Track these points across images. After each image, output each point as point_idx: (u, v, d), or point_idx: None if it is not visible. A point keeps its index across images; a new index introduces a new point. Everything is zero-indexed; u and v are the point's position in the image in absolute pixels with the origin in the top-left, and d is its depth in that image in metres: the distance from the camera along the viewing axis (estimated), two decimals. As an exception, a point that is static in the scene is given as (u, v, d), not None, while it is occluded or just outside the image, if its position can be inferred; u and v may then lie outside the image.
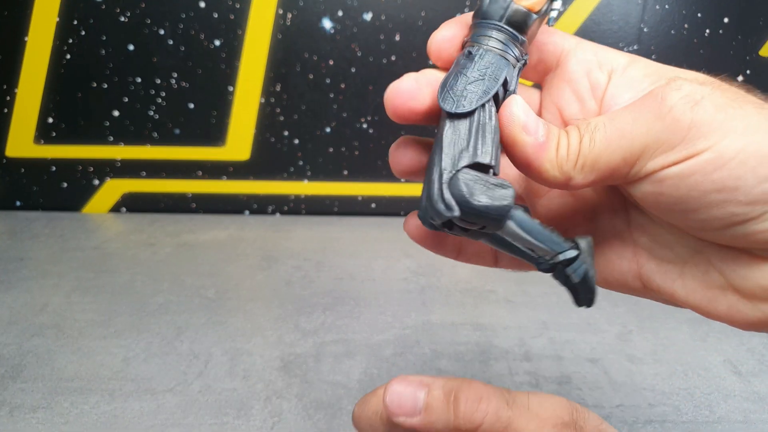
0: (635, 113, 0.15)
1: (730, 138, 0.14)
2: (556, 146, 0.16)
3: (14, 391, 0.35)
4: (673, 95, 0.14)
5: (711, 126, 0.14)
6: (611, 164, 0.15)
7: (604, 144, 0.15)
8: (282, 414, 0.34)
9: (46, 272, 0.53)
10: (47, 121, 0.68)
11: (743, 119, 0.14)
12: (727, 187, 0.14)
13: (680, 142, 0.14)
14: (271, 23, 0.64)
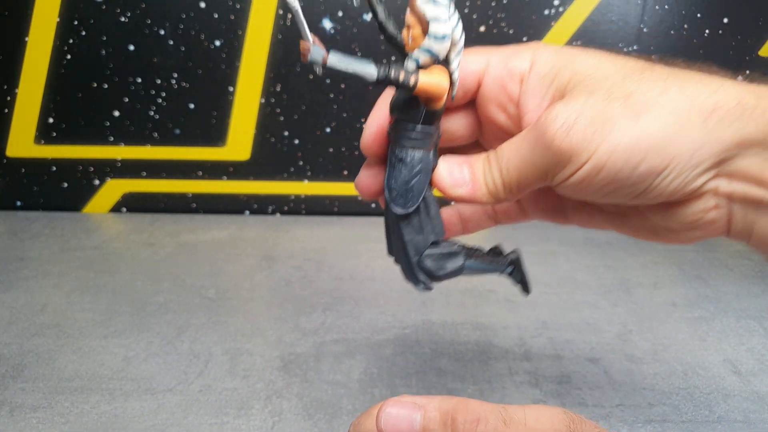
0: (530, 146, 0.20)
1: (601, 148, 0.18)
2: (484, 184, 0.21)
3: (15, 391, 0.35)
4: (552, 127, 0.19)
5: (584, 143, 0.18)
6: (529, 183, 0.20)
7: (516, 172, 0.20)
8: (282, 413, 0.34)
9: (46, 272, 0.53)
10: (48, 121, 0.68)
11: (610, 126, 0.18)
12: (612, 181, 0.19)
13: (568, 161, 0.19)
14: (271, 24, 0.64)
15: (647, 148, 0.18)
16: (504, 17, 0.64)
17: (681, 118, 0.18)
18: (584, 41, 0.65)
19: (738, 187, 0.19)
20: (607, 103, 0.18)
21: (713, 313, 0.46)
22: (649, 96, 0.18)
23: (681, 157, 0.18)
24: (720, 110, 0.18)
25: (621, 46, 0.65)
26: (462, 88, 0.22)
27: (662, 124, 0.18)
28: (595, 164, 0.18)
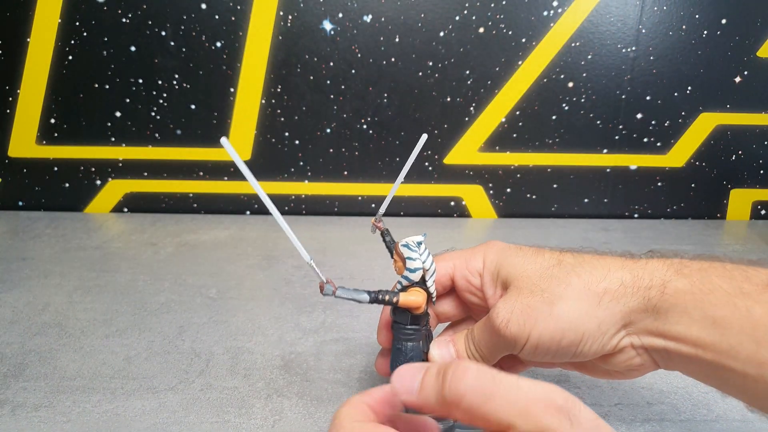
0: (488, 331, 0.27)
1: (532, 335, 0.25)
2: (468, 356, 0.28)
3: (16, 390, 0.36)
4: (496, 321, 0.26)
5: (519, 333, 0.25)
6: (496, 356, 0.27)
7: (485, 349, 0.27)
8: (283, 412, 0.34)
9: (48, 272, 0.54)
10: (49, 122, 0.68)
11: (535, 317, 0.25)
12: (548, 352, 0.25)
13: (513, 345, 0.26)
14: (271, 25, 0.64)
15: (564, 330, 0.25)
16: (503, 18, 0.64)
17: (582, 302, 0.25)
18: (583, 42, 0.65)
19: (646, 341, 0.25)
20: (531, 298, 0.25)
21: (712, 312, 0.47)
22: (557, 291, 0.25)
23: (589, 330, 0.24)
24: (609, 293, 0.25)
25: (620, 47, 0.65)
26: (441, 285, 0.30)
27: (570, 311, 0.25)
28: (531, 344, 0.25)
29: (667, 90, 0.67)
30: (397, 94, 0.67)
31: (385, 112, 0.68)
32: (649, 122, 0.69)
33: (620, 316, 0.24)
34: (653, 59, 0.65)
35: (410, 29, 0.64)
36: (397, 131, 0.69)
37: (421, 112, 0.68)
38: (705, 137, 0.69)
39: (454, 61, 0.66)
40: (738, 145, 0.70)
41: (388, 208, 0.31)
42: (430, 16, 0.64)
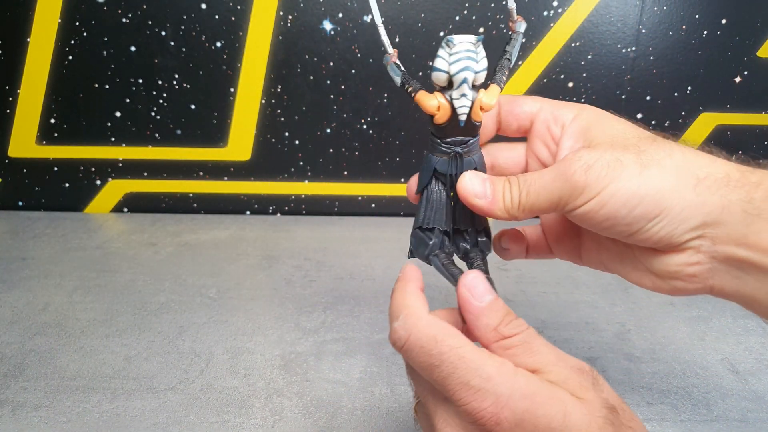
0: (552, 175, 0.23)
1: (609, 187, 0.22)
2: (502, 199, 0.24)
3: (16, 390, 0.36)
4: (575, 164, 0.23)
5: (597, 181, 0.22)
6: (542, 207, 0.24)
7: (534, 197, 0.24)
8: (283, 412, 0.34)
9: (48, 272, 0.54)
10: (49, 122, 0.68)
11: (620, 171, 0.22)
12: (611, 217, 0.22)
13: (580, 194, 0.22)
14: (271, 25, 0.64)
15: (644, 196, 0.22)
16: (503, 19, 0.64)
17: (677, 178, 0.22)
18: (583, 42, 0.65)
19: (721, 249, 0.22)
20: (623, 153, 0.22)
21: (711, 312, 0.47)
22: (657, 156, 0.22)
23: (671, 210, 0.22)
24: (709, 179, 0.22)
25: (620, 47, 0.65)
26: (518, 123, 0.28)
27: (661, 180, 0.22)
28: (602, 199, 0.22)
29: (667, 90, 0.67)
30: (397, 94, 0.67)
31: (385, 112, 0.68)
32: (649, 122, 0.69)
33: (711, 209, 0.21)
34: (653, 59, 0.65)
35: (410, 29, 0.64)
36: (397, 131, 0.69)
37: (421, 112, 0.68)
38: (705, 137, 0.69)
39: (454, 61, 0.66)
40: (738, 145, 0.70)
41: (387, 209, 0.30)
42: (430, 16, 0.64)
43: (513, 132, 0.28)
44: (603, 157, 0.22)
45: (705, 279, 0.23)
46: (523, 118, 0.28)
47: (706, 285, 0.23)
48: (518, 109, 0.28)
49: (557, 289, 0.51)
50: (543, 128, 0.27)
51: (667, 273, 0.24)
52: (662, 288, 0.24)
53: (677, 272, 0.23)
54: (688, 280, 0.23)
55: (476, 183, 0.24)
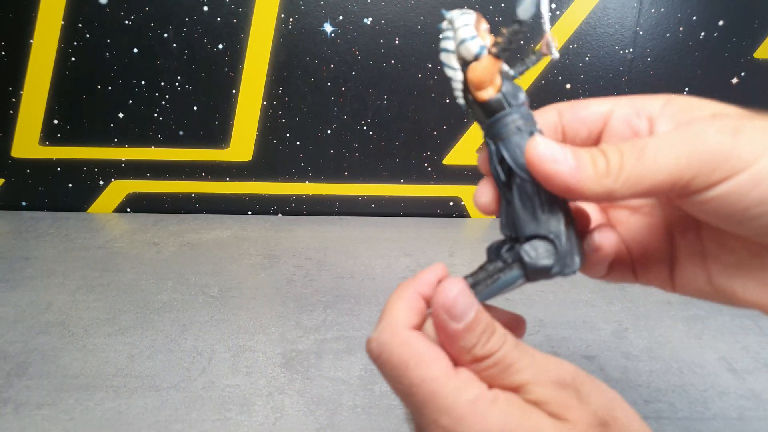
0: (681, 134, 0.16)
1: (765, 159, 0.15)
2: (592, 164, 0.17)
3: (20, 389, 0.36)
4: (717, 123, 0.16)
5: (748, 147, 0.15)
6: (656, 181, 0.16)
7: (651, 161, 0.16)
8: (284, 409, 0.34)
9: (51, 271, 0.54)
10: (52, 123, 0.69)
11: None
12: (765, 202, 0.15)
13: (722, 162, 0.16)
14: (273, 27, 0.65)
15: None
16: (501, 21, 0.65)
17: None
18: (580, 44, 0.65)
19: None
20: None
21: (708, 311, 0.47)
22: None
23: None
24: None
25: (617, 48, 0.65)
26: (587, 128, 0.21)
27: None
28: (755, 175, 0.15)
29: (665, 91, 0.67)
30: (397, 95, 0.67)
31: (385, 114, 0.68)
32: (648, 123, 0.69)
33: None
34: (651, 61, 0.66)
35: (410, 32, 0.65)
36: (396, 132, 0.69)
37: (421, 114, 0.68)
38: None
39: (454, 63, 0.66)
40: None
41: (387, 209, 0.28)
42: (429, 18, 0.64)
43: (582, 142, 0.22)
44: (752, 122, 0.16)
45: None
46: (593, 121, 0.21)
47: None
48: (584, 112, 0.21)
49: (555, 288, 0.51)
50: (622, 125, 0.20)
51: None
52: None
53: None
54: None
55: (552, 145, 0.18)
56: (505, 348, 0.18)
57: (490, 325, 0.18)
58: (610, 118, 0.21)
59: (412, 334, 0.19)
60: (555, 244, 0.19)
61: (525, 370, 0.18)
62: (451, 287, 0.18)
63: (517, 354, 0.18)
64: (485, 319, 0.18)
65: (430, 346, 0.18)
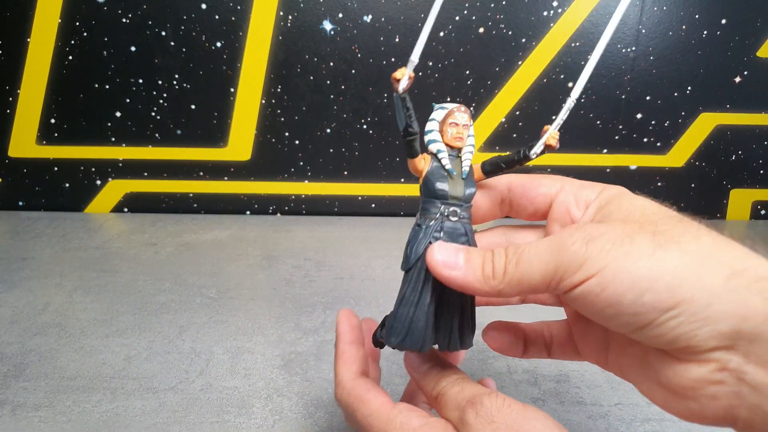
0: (548, 245, 0.19)
1: (611, 266, 0.18)
2: (481, 268, 0.20)
3: (17, 390, 0.36)
4: (576, 234, 0.19)
5: (599, 256, 0.18)
6: (532, 283, 0.19)
7: (525, 267, 0.19)
8: (283, 412, 0.34)
9: (48, 272, 0.54)
10: (49, 122, 0.68)
11: (629, 248, 0.18)
12: (614, 303, 0.18)
13: (578, 269, 0.18)
14: (271, 25, 0.64)
15: (656, 280, 0.17)
16: (503, 18, 0.64)
17: (703, 266, 0.17)
18: (582, 42, 0.65)
19: (755, 373, 0.16)
20: (636, 230, 0.18)
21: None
22: (679, 237, 0.18)
23: (691, 304, 0.16)
24: (749, 273, 0.16)
25: (619, 47, 0.65)
26: (534, 207, 0.25)
27: (681, 263, 0.17)
28: (601, 280, 0.18)
29: (667, 90, 0.67)
30: (397, 94, 0.67)
31: (384, 112, 0.68)
32: (649, 122, 0.69)
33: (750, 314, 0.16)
34: (653, 59, 0.66)
35: (410, 29, 0.64)
36: (396, 131, 0.69)
37: (421, 113, 0.68)
38: (705, 137, 0.69)
39: (454, 61, 0.66)
40: (738, 145, 0.70)
41: (387, 209, 0.28)
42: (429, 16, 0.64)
43: (528, 216, 0.25)
44: (610, 232, 0.18)
45: (730, 406, 0.17)
46: (540, 202, 0.24)
47: (729, 413, 0.17)
48: (534, 192, 0.24)
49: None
50: (562, 210, 0.23)
51: (680, 388, 0.18)
52: (674, 408, 0.19)
53: (693, 389, 0.18)
54: (705, 404, 0.18)
55: (447, 252, 0.21)
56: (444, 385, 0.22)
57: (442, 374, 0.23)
58: (554, 202, 0.24)
59: (356, 381, 0.23)
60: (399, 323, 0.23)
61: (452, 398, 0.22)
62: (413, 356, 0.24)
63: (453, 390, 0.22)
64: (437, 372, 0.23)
65: (369, 389, 0.23)
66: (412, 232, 0.23)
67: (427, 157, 0.24)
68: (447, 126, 0.24)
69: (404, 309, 0.23)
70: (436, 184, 0.23)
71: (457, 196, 0.23)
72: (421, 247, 0.22)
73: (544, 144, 0.23)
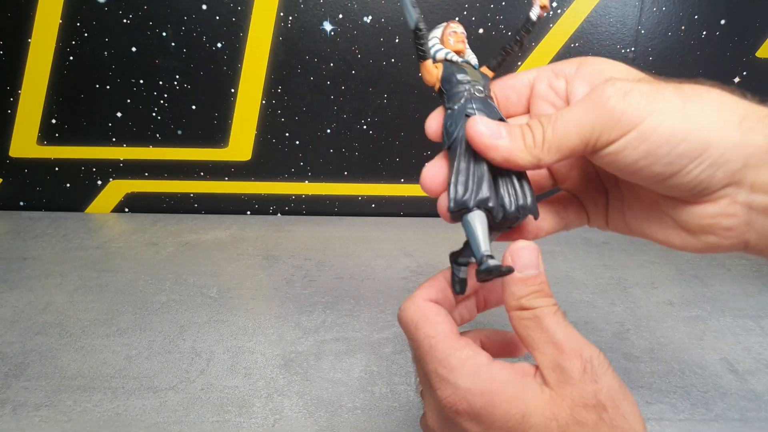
0: (583, 105, 0.20)
1: (650, 119, 0.19)
2: (522, 138, 0.21)
3: (17, 389, 0.36)
4: (609, 89, 0.19)
5: (637, 110, 0.19)
6: (570, 145, 0.20)
7: (563, 131, 0.20)
8: (283, 411, 0.34)
9: (49, 271, 0.54)
10: (50, 122, 0.68)
11: (662, 103, 0.19)
12: (650, 154, 0.19)
13: (616, 123, 0.19)
14: (272, 26, 0.65)
15: (689, 132, 0.19)
16: (502, 19, 0.64)
17: (722, 114, 0.19)
18: (582, 43, 0.65)
19: (761, 198, 0.19)
20: (659, 86, 0.20)
21: (710, 312, 0.47)
22: (696, 90, 0.20)
23: (716, 149, 0.19)
24: (752, 117, 0.19)
25: (618, 47, 0.65)
26: (516, 93, 0.25)
27: (707, 116, 0.19)
28: (641, 133, 0.19)
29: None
30: (397, 94, 0.67)
31: (385, 113, 0.68)
32: (649, 123, 0.69)
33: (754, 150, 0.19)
34: (652, 60, 0.66)
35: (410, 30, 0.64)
36: (397, 132, 0.69)
37: (421, 113, 0.68)
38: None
39: (454, 62, 0.66)
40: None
41: (387, 209, 0.28)
42: (430, 17, 0.64)
43: (514, 106, 0.26)
44: (640, 86, 0.19)
45: (742, 233, 0.20)
46: (520, 87, 0.25)
47: (741, 240, 0.20)
48: (513, 80, 0.26)
49: (556, 288, 0.51)
50: (544, 87, 0.24)
51: (699, 227, 0.21)
52: (694, 245, 0.22)
53: (711, 225, 0.20)
54: (722, 235, 0.20)
55: (490, 123, 0.21)
56: (546, 310, 0.21)
57: (544, 290, 0.21)
58: (535, 83, 0.25)
59: (426, 302, 0.23)
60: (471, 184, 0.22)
61: (548, 334, 0.20)
62: (521, 242, 0.21)
63: (553, 318, 0.20)
64: (540, 282, 0.21)
65: (438, 312, 0.22)
66: (447, 114, 0.24)
67: (439, 65, 0.25)
68: (447, 36, 0.25)
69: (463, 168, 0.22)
70: (457, 75, 0.24)
71: (477, 79, 0.24)
72: (460, 119, 0.23)
73: (540, 6, 0.24)
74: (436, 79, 0.25)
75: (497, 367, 0.20)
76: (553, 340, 0.20)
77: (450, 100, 0.24)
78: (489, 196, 0.21)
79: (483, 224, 0.21)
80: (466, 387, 0.20)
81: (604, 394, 0.19)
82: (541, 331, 0.20)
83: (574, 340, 0.20)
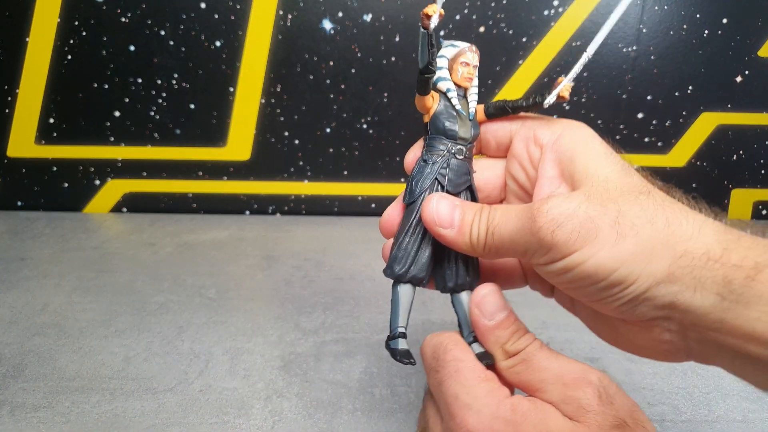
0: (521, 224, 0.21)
1: (578, 254, 0.20)
2: (468, 234, 0.22)
3: (15, 391, 0.35)
4: (542, 219, 0.20)
5: (566, 245, 0.20)
6: (507, 253, 0.22)
7: (499, 241, 0.22)
8: (282, 413, 0.34)
9: (47, 272, 0.53)
10: (48, 122, 0.68)
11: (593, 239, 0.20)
12: (576, 281, 0.20)
13: (545, 253, 0.20)
14: (271, 24, 0.64)
15: (614, 270, 0.20)
16: (503, 18, 0.64)
17: (653, 253, 0.20)
18: (583, 42, 0.65)
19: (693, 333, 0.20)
20: (600, 213, 0.20)
21: (712, 312, 0.46)
22: (636, 221, 0.20)
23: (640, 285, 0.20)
24: (687, 257, 0.19)
25: (620, 46, 0.65)
26: (495, 140, 0.26)
27: (635, 253, 0.20)
28: (567, 264, 0.20)
29: (668, 90, 0.67)
30: (397, 93, 0.67)
31: (385, 112, 0.68)
32: (650, 122, 0.69)
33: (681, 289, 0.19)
34: (654, 59, 0.65)
35: (410, 28, 0.64)
36: (397, 131, 0.69)
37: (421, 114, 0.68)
38: (706, 137, 0.69)
39: (454, 61, 0.65)
40: (739, 144, 0.70)
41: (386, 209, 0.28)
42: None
43: (493, 151, 0.26)
44: (575, 215, 0.20)
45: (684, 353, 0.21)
46: (501, 136, 0.25)
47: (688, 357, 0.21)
48: (496, 125, 0.25)
49: (558, 289, 0.51)
50: (521, 148, 0.25)
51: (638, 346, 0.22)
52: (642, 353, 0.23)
53: (651, 347, 0.22)
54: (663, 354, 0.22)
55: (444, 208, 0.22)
56: (531, 348, 0.21)
57: (521, 328, 0.22)
58: (515, 137, 0.25)
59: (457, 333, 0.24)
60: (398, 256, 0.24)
61: (547, 370, 0.20)
62: (482, 288, 0.22)
63: (541, 355, 0.21)
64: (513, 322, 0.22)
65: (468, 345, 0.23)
66: (417, 167, 0.24)
67: (436, 96, 0.24)
68: (458, 65, 0.24)
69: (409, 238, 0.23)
70: (446, 123, 0.24)
71: (464, 137, 0.24)
72: (427, 181, 0.23)
73: (558, 95, 0.23)
74: (428, 111, 0.24)
75: (518, 398, 0.20)
76: (552, 377, 0.20)
77: (428, 150, 0.24)
78: (423, 277, 0.23)
79: (408, 299, 0.23)
80: (491, 416, 0.20)
81: (622, 412, 0.19)
82: (536, 371, 0.21)
83: (571, 369, 0.20)
